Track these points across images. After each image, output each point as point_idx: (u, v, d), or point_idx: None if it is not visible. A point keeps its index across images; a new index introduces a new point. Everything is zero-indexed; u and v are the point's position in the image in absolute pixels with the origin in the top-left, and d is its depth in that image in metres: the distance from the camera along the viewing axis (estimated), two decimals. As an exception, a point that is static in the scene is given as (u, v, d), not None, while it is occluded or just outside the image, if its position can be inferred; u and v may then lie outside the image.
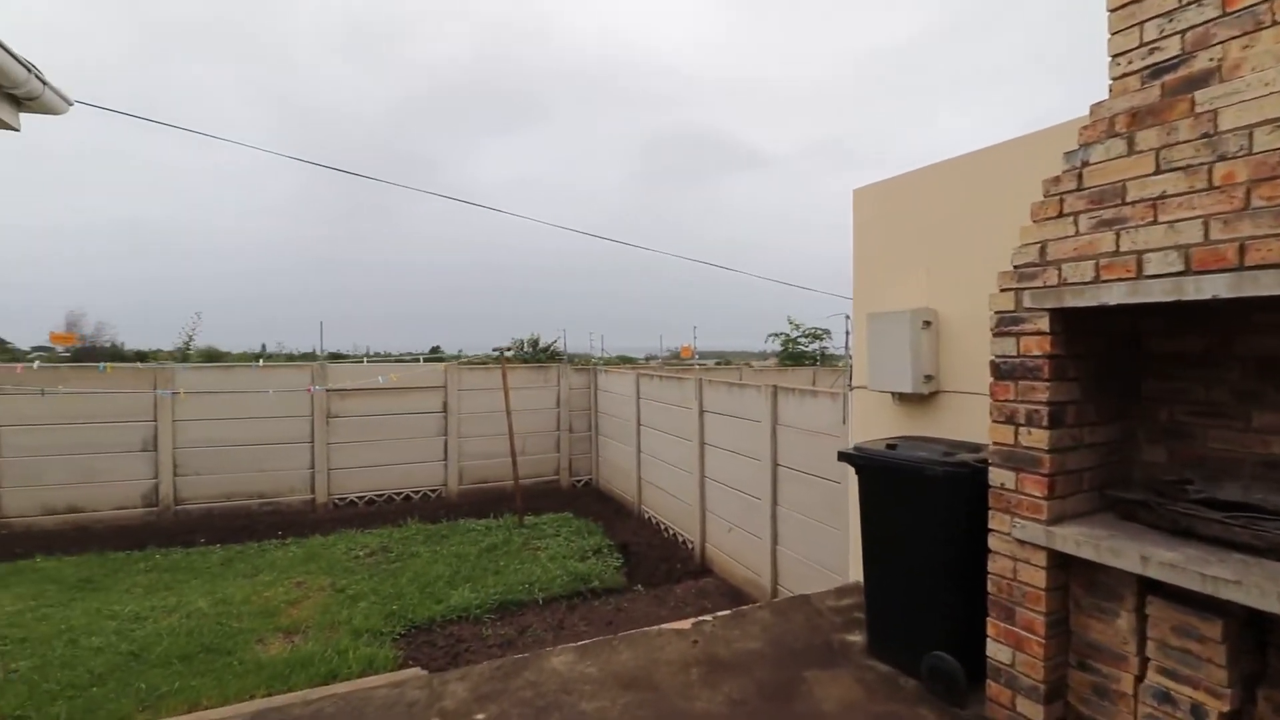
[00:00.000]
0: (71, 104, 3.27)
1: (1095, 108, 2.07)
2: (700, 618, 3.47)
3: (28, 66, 2.86)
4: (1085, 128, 2.06)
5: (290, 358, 12.93)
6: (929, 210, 3.37)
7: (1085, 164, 2.04)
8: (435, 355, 8.86)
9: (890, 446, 2.95)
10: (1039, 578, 2.06)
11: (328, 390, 8.36)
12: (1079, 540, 1.93)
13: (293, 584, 5.74)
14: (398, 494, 8.79)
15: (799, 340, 14.06)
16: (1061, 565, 2.06)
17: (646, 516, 7.95)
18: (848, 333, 4.00)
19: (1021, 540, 2.09)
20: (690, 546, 6.74)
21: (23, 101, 3.00)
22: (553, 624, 5.03)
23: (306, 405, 8.32)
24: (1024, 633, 2.11)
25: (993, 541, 2.21)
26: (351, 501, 8.56)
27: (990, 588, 2.23)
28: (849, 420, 4.28)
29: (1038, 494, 2.04)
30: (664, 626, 3.36)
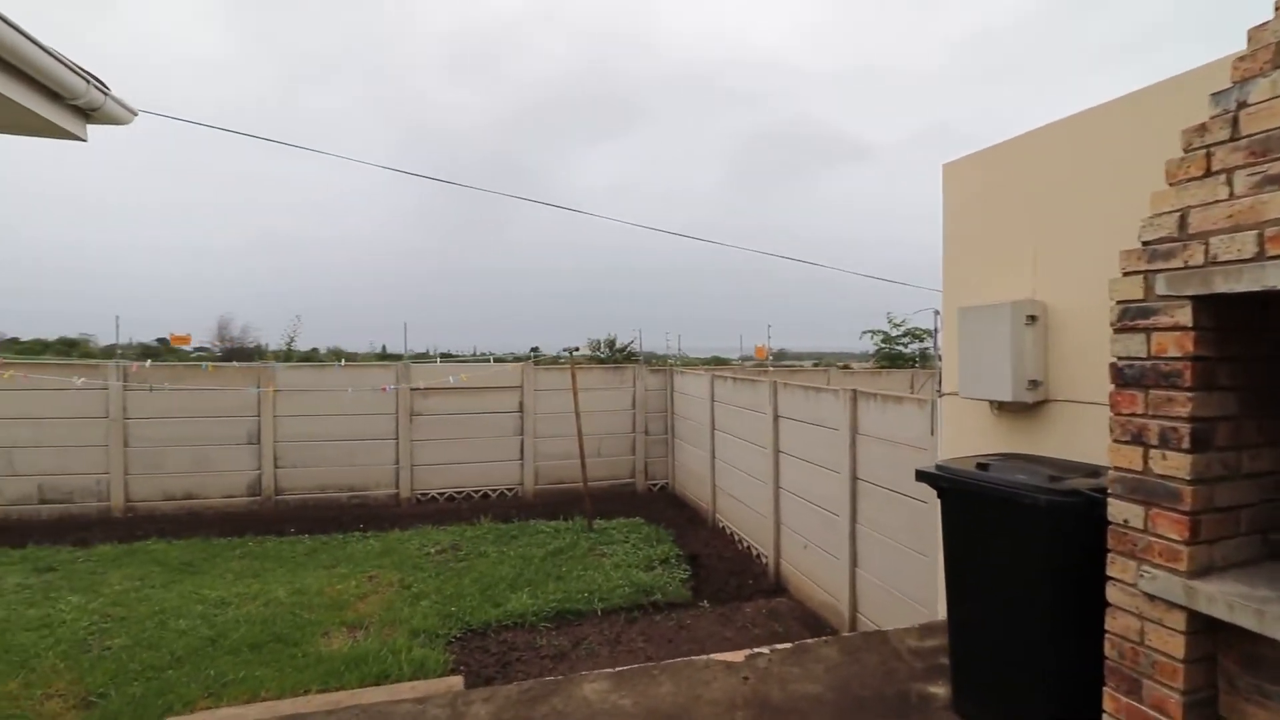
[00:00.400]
0: (136, 113, 3.41)
1: (1256, 32, 1.55)
2: (756, 650, 3.11)
3: (86, 78, 2.99)
4: (1241, 59, 1.55)
5: (381, 357, 13.63)
6: (1037, 182, 2.84)
7: (1242, 105, 1.53)
8: (534, 355, 8.95)
9: (982, 466, 2.48)
10: (1176, 645, 1.57)
11: (411, 389, 8.64)
12: (1234, 602, 1.44)
13: (365, 578, 5.89)
14: (476, 491, 8.94)
15: (899, 340, 13.04)
16: (1208, 631, 1.57)
17: (720, 526, 7.58)
18: (936, 330, 3.52)
19: (1151, 595, 1.61)
20: (764, 561, 6.31)
21: (88, 113, 3.15)
22: (609, 637, 4.81)
23: (391, 403, 8.63)
24: (1153, 713, 1.63)
25: (1112, 593, 1.73)
26: (433, 497, 8.79)
27: (1108, 650, 1.75)
28: (938, 431, 3.75)
29: (1175, 536, 1.56)
30: (713, 657, 3.04)
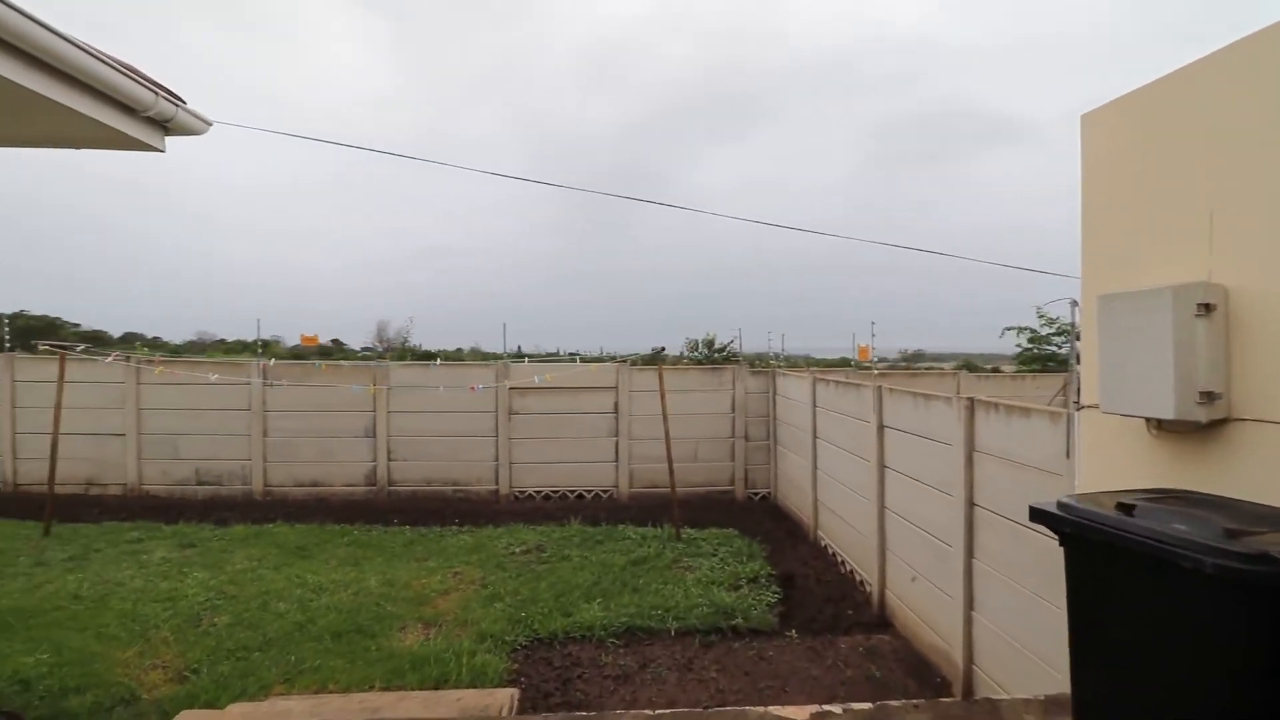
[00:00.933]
0: (210, 124, 3.56)
1: None
2: (825, 708, 2.60)
3: (154, 90, 3.12)
4: None
5: (484, 357, 14.16)
6: (1217, 124, 2.08)
7: None
8: (656, 356, 8.80)
9: (1124, 508, 1.83)
10: None
11: (509, 388, 8.77)
12: None
13: (450, 574, 5.96)
14: (571, 491, 8.90)
15: (1050, 339, 11.27)
16: None
17: (822, 544, 6.89)
18: (1073, 325, 2.76)
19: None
20: (866, 589, 5.59)
21: (162, 124, 3.31)
22: (680, 662, 4.42)
23: (491, 401, 8.82)
24: None
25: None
26: (530, 495, 8.88)
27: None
28: (1075, 454, 2.98)
29: None
30: (771, 711, 2.56)
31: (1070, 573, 2.00)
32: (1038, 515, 2.06)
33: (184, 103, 3.37)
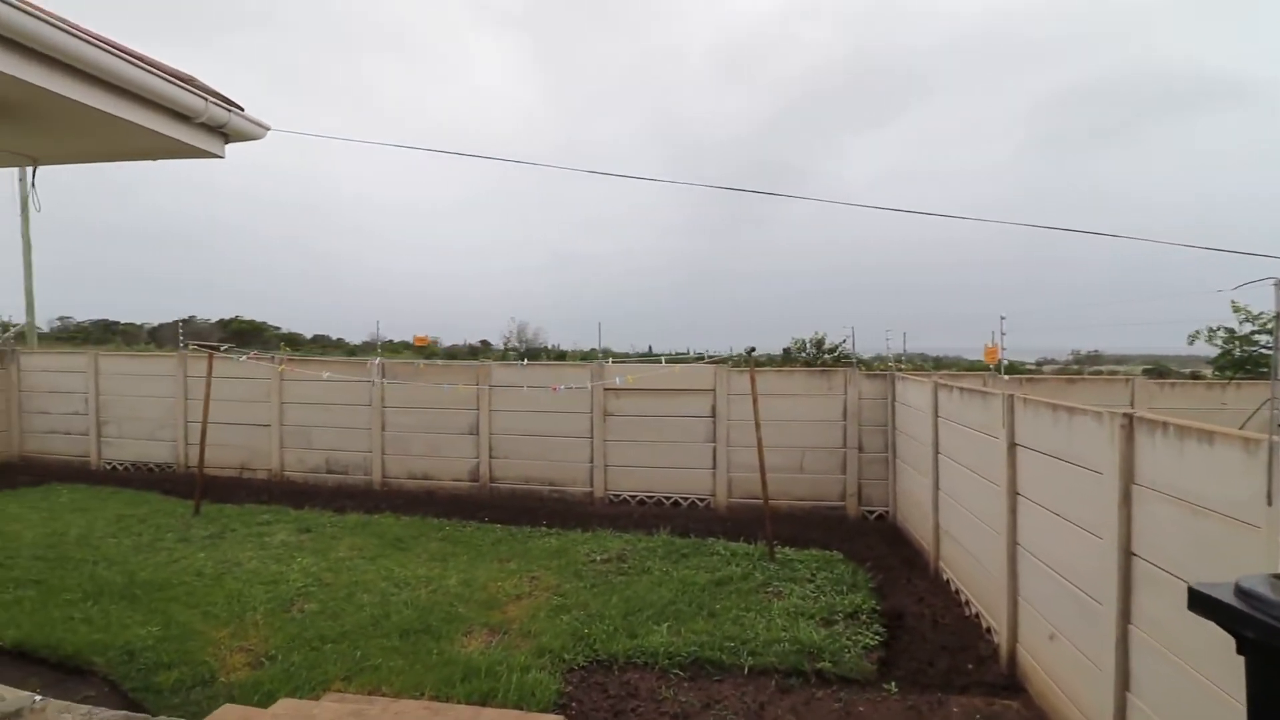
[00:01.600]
0: (268, 128, 3.61)
1: None
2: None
3: (204, 96, 3.18)
4: None
5: (587, 356, 14.13)
6: None
7: None
8: (747, 357, 8.24)
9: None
10: None
11: (604, 388, 8.59)
12: None
13: (528, 578, 5.83)
14: (666, 497, 8.53)
15: (1253, 337, 9.02)
16: None
17: (944, 578, 5.91)
18: (1278, 319, 1.89)
19: None
20: (993, 638, 4.64)
21: (218, 130, 3.38)
22: (750, 707, 3.86)
23: (587, 401, 8.69)
24: None
25: None
26: (624, 499, 8.63)
27: None
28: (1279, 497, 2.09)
29: None
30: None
31: (1257, 693, 1.30)
32: (1203, 603, 1.38)
33: (240, 109, 3.44)
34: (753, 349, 6.57)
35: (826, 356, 10.09)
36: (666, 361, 8.49)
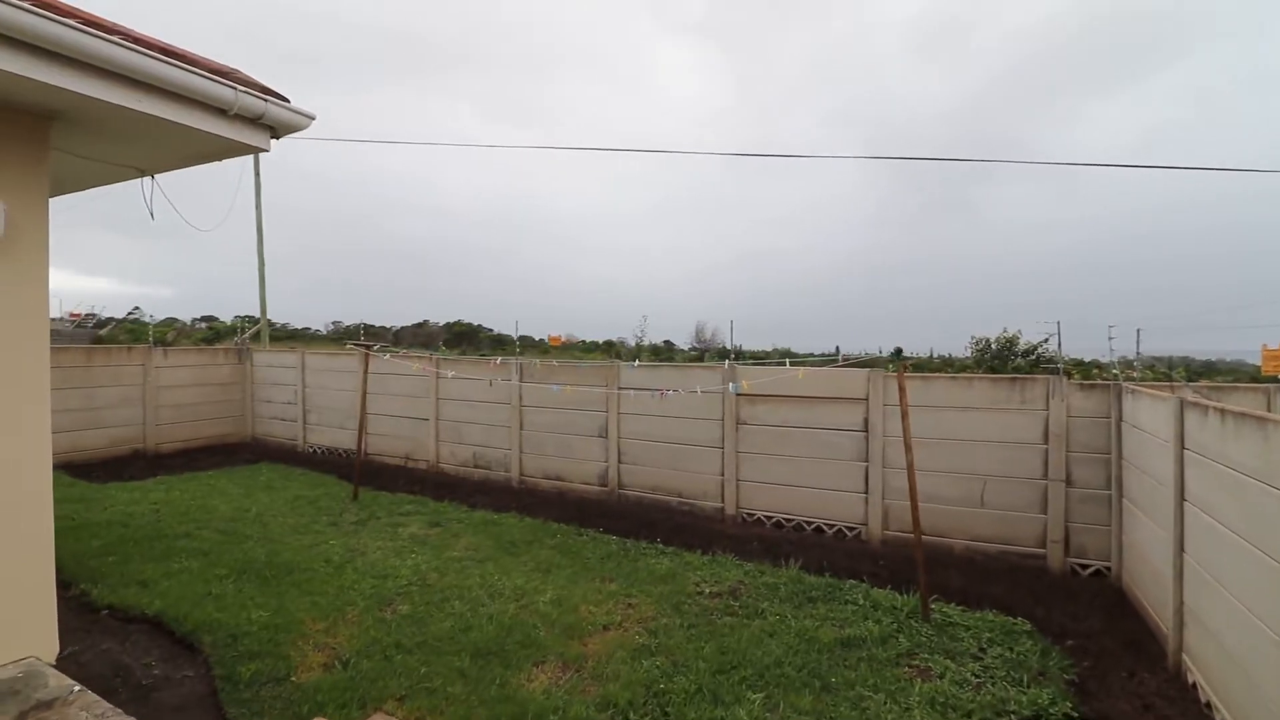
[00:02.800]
0: (312, 117, 3.42)
1: None
2: None
3: (233, 86, 3.03)
4: None
5: (788, 356, 13.03)
6: None
7: None
8: (894, 359, 6.91)
9: None
10: None
11: (736, 394, 7.69)
12: None
13: (624, 604, 5.22)
14: (808, 522, 7.38)
15: None
16: None
17: (1187, 679, 4.13)
18: None
19: None
20: (1276, 804, 2.98)
21: (257, 122, 3.24)
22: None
23: (718, 408, 7.87)
24: None
25: None
26: (759, 519, 7.65)
27: None
28: None
29: None
30: None
31: None
32: None
33: (280, 99, 3.29)
34: (900, 350, 5.26)
35: (1021, 360, 8.05)
36: (815, 363, 7.33)
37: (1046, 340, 7.52)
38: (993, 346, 8.37)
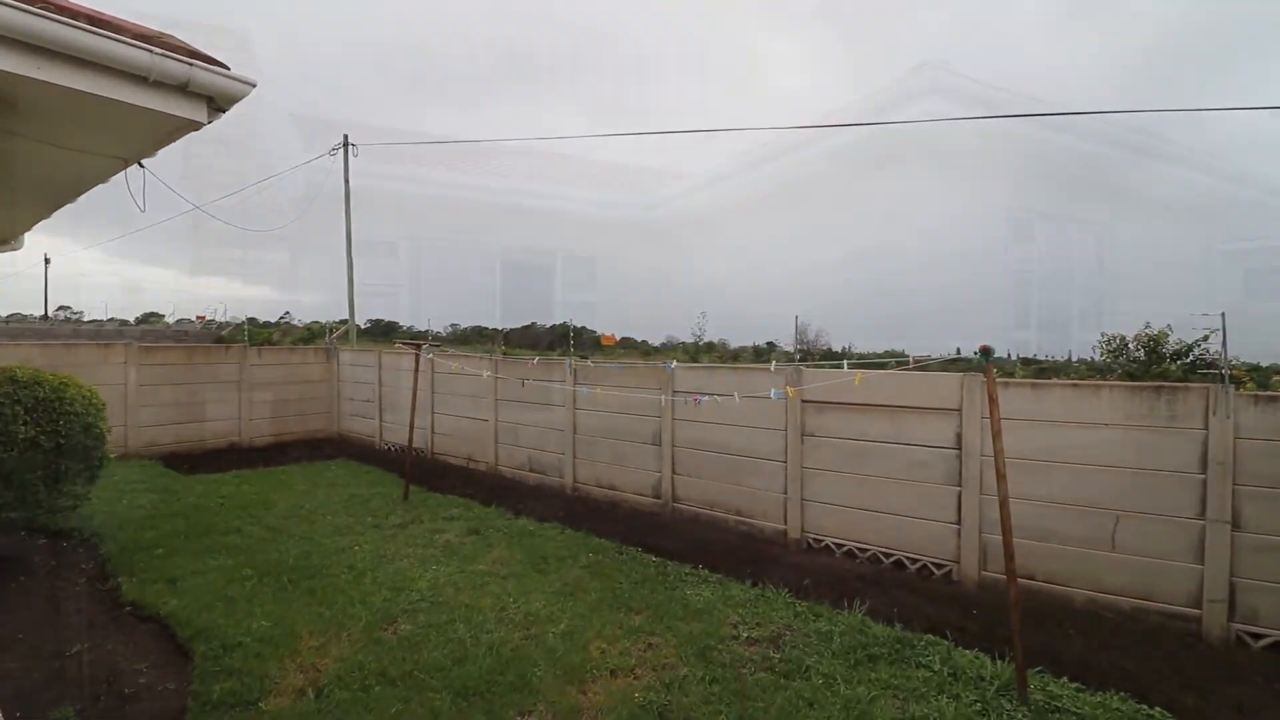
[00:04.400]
0: (252, 84, 3.02)
1: None
2: None
3: (148, 49, 2.66)
4: None
5: (826, 355, 11.73)
6: None
7: None
8: (981, 359, 5.54)
9: None
10: None
11: (803, 401, 6.72)
12: None
13: (644, 643, 4.52)
14: (886, 554, 6.27)
15: None
16: None
17: None
18: None
19: None
20: None
21: (186, 90, 2.87)
22: None
23: (780, 417, 6.93)
24: None
25: None
26: (827, 546, 6.64)
27: None
28: None
29: None
30: None
31: None
32: None
33: (209, 63, 2.91)
34: (988, 350, 4.14)
35: (1171, 366, 6.41)
36: (902, 366, 6.23)
37: (1207, 338, 5.90)
38: (1129, 346, 6.77)
